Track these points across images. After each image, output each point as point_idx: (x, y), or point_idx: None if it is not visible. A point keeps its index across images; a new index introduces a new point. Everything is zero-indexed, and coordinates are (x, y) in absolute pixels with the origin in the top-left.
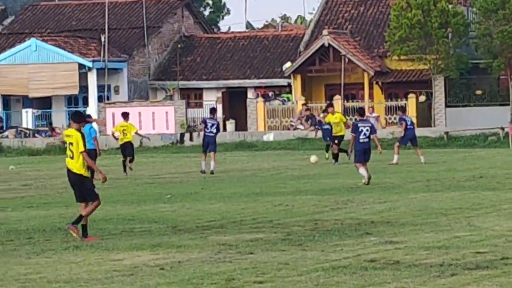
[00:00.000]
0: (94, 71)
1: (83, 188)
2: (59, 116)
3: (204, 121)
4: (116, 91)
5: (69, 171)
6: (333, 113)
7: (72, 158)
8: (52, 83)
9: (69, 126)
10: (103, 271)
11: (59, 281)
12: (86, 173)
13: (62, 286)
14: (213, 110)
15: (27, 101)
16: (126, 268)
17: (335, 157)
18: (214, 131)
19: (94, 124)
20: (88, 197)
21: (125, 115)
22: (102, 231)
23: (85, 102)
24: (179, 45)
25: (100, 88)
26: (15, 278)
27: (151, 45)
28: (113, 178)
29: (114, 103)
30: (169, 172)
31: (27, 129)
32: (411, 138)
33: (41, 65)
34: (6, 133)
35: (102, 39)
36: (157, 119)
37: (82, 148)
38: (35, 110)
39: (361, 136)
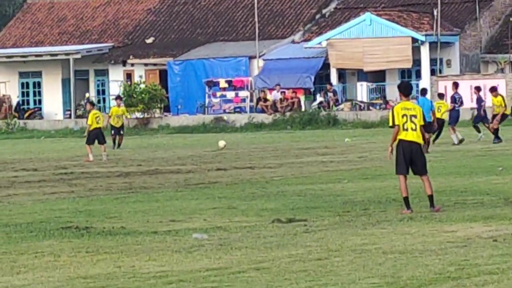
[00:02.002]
0: (427, 45)
1: (422, 159)
2: (393, 89)
3: (453, 98)
4: (448, 65)
5: (411, 142)
6: (495, 96)
7: (414, 130)
8: (386, 57)
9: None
10: (437, 243)
11: (394, 252)
12: None
13: (397, 257)
14: (455, 84)
15: (362, 75)
16: (460, 240)
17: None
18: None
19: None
20: (424, 169)
21: (441, 96)
22: (436, 203)
23: (418, 76)
24: (510, 19)
25: (432, 61)
26: (351, 248)
27: (483, 18)
28: (445, 150)
29: (446, 76)
30: (501, 145)
31: (361, 102)
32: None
33: (376, 39)
34: (341, 106)
35: (435, 13)
36: (488, 92)
37: (422, 122)
38: (369, 84)
39: None
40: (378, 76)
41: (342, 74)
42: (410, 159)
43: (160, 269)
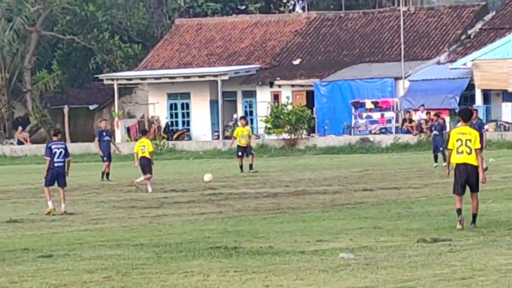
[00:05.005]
0: None
1: (476, 180)
2: None
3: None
4: None
5: (465, 164)
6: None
7: (469, 153)
8: None
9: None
10: None
11: None
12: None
13: None
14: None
15: (506, 95)
16: None
17: None
18: None
19: None
20: (476, 188)
21: None
22: None
23: None
24: None
25: None
26: (496, 268)
27: None
28: None
29: None
30: None
31: (506, 122)
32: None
33: None
34: (486, 126)
35: None
36: None
37: (478, 146)
38: None
39: None
40: None
41: (486, 94)
42: (466, 179)
43: None
